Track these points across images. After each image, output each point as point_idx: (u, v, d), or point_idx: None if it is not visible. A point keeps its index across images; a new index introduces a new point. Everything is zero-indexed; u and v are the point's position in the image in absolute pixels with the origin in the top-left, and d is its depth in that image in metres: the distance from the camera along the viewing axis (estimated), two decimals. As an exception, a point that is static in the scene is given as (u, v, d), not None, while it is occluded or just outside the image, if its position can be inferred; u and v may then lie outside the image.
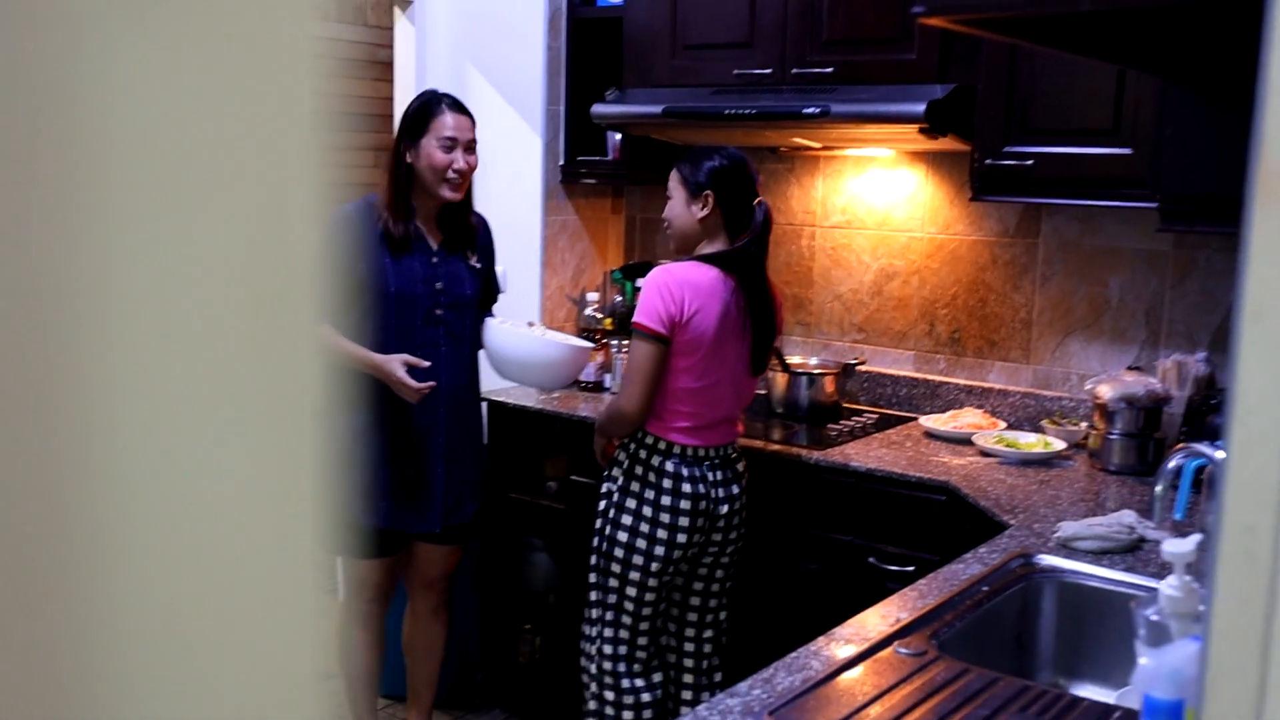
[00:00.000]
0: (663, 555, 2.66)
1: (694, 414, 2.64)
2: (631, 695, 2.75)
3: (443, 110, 2.86)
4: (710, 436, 2.68)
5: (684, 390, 2.62)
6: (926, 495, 2.72)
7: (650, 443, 2.67)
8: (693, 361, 2.60)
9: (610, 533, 2.70)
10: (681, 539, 2.65)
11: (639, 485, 2.67)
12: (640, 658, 2.75)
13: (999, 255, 3.28)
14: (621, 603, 2.71)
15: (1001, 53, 2.83)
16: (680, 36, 3.36)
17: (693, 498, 2.65)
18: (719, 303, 2.59)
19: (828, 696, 1.53)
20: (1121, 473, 2.78)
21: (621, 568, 2.69)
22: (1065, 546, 2.16)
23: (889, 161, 3.44)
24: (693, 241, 2.68)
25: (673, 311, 2.56)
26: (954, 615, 1.83)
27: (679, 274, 2.59)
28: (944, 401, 3.36)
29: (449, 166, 2.83)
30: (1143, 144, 2.62)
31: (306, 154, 0.40)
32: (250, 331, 0.38)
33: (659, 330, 2.56)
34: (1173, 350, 2.97)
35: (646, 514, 2.66)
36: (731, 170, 2.64)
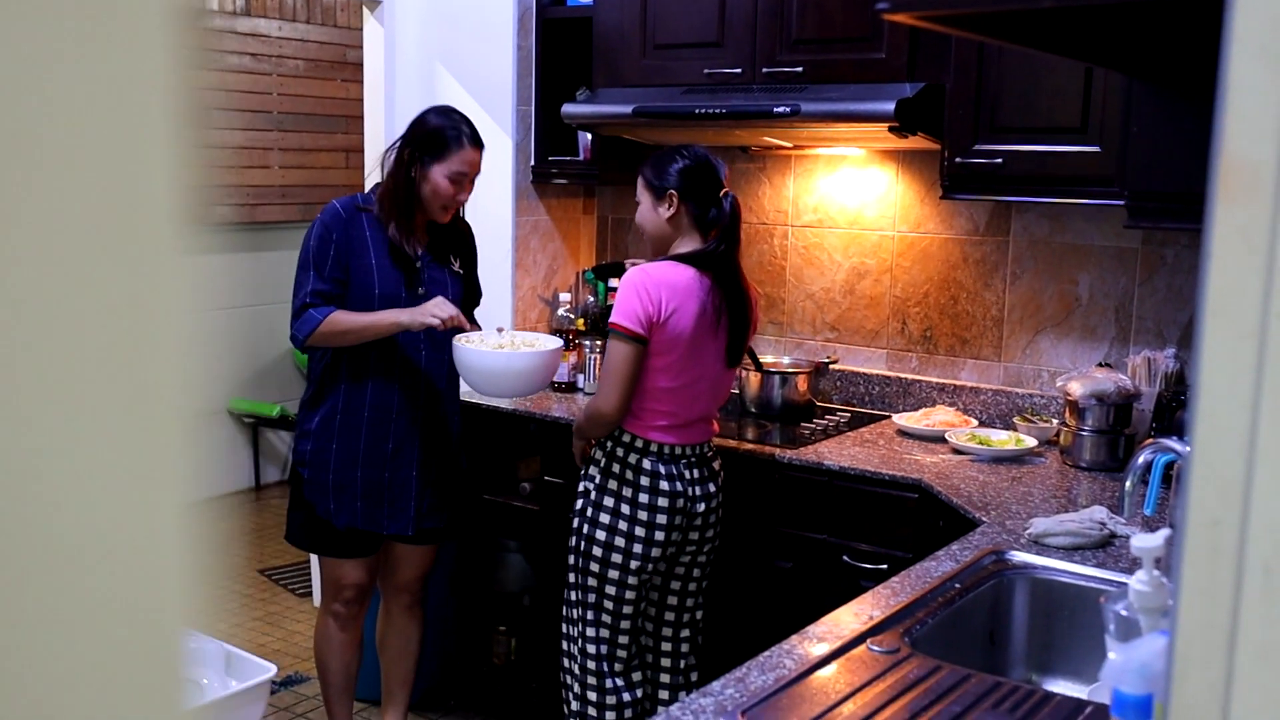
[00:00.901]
0: (641, 553, 2.65)
1: (671, 413, 2.64)
2: (614, 695, 2.74)
3: (464, 144, 2.82)
4: (687, 435, 2.68)
5: (661, 389, 2.62)
6: (899, 493, 2.73)
7: (628, 441, 2.66)
8: (670, 360, 2.60)
9: (588, 532, 2.70)
10: (660, 537, 2.65)
11: (616, 484, 2.67)
12: (622, 657, 2.74)
13: (970, 253, 3.29)
14: (602, 602, 2.70)
15: (970, 51, 2.84)
16: (650, 36, 3.35)
17: (670, 495, 2.64)
18: (696, 301, 2.59)
19: (801, 695, 1.53)
20: (1093, 469, 2.79)
21: (600, 567, 2.68)
22: (1037, 543, 2.16)
23: (860, 160, 3.45)
24: (665, 242, 2.68)
25: (650, 311, 2.56)
26: (926, 612, 1.84)
27: (655, 274, 2.59)
28: (916, 399, 3.37)
29: (452, 198, 2.84)
30: (1110, 141, 2.63)
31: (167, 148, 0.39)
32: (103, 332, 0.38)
33: (636, 330, 2.56)
34: (1142, 347, 2.99)
35: (625, 512, 2.65)
36: (693, 168, 2.64)
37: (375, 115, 4.04)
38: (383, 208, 2.85)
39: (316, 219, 2.85)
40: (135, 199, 0.38)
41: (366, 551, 2.99)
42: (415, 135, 2.85)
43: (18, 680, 0.37)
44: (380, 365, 2.86)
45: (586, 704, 2.76)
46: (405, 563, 3.08)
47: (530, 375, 2.86)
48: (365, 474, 2.89)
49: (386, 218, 2.84)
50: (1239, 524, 0.68)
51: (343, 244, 2.81)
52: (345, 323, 2.77)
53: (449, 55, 3.82)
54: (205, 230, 0.40)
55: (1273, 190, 0.65)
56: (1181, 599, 0.72)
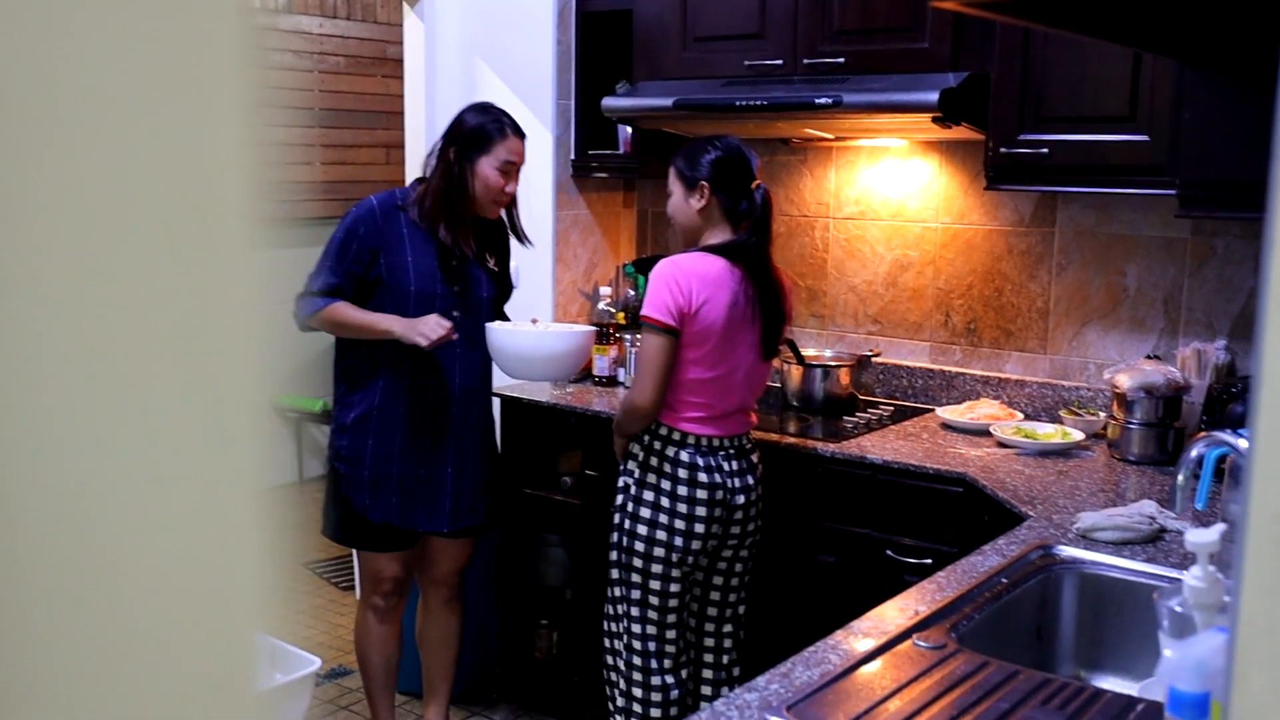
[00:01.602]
0: (683, 546, 2.64)
1: (707, 404, 2.63)
2: (660, 692, 2.73)
3: (507, 134, 2.85)
4: (724, 426, 2.67)
5: (696, 381, 2.61)
6: (943, 487, 2.70)
7: (665, 434, 2.65)
8: (703, 352, 2.59)
9: (629, 527, 2.69)
10: (700, 529, 2.64)
11: (655, 477, 2.66)
12: (670, 653, 2.73)
13: (1014, 245, 3.25)
14: (647, 597, 2.69)
15: (1015, 39, 2.80)
16: (690, 28, 3.34)
17: (709, 488, 2.63)
18: (727, 292, 2.58)
19: (846, 691, 1.52)
20: (1141, 463, 2.75)
21: (643, 562, 2.67)
22: (1085, 537, 2.13)
23: (902, 151, 3.42)
24: (695, 234, 2.67)
25: (680, 303, 2.55)
26: (973, 608, 1.82)
27: (685, 265, 2.58)
28: (960, 393, 3.34)
29: (502, 189, 2.85)
30: (1159, 130, 2.59)
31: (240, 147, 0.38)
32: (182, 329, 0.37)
33: (668, 322, 2.56)
34: (1192, 338, 2.94)
35: (665, 505, 2.64)
36: (725, 160, 2.63)
37: (416, 111, 4.06)
38: (430, 210, 2.85)
39: (350, 212, 2.87)
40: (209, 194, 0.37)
41: (403, 545, 3.00)
42: (457, 134, 2.86)
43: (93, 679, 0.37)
44: (416, 362, 2.87)
45: (632, 700, 2.75)
46: (442, 556, 3.09)
47: (562, 358, 2.88)
48: (401, 469, 2.90)
49: (435, 220, 2.85)
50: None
51: (370, 241, 2.82)
52: (342, 316, 2.81)
53: (489, 50, 3.82)
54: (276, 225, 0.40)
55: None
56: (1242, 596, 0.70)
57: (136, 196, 0.35)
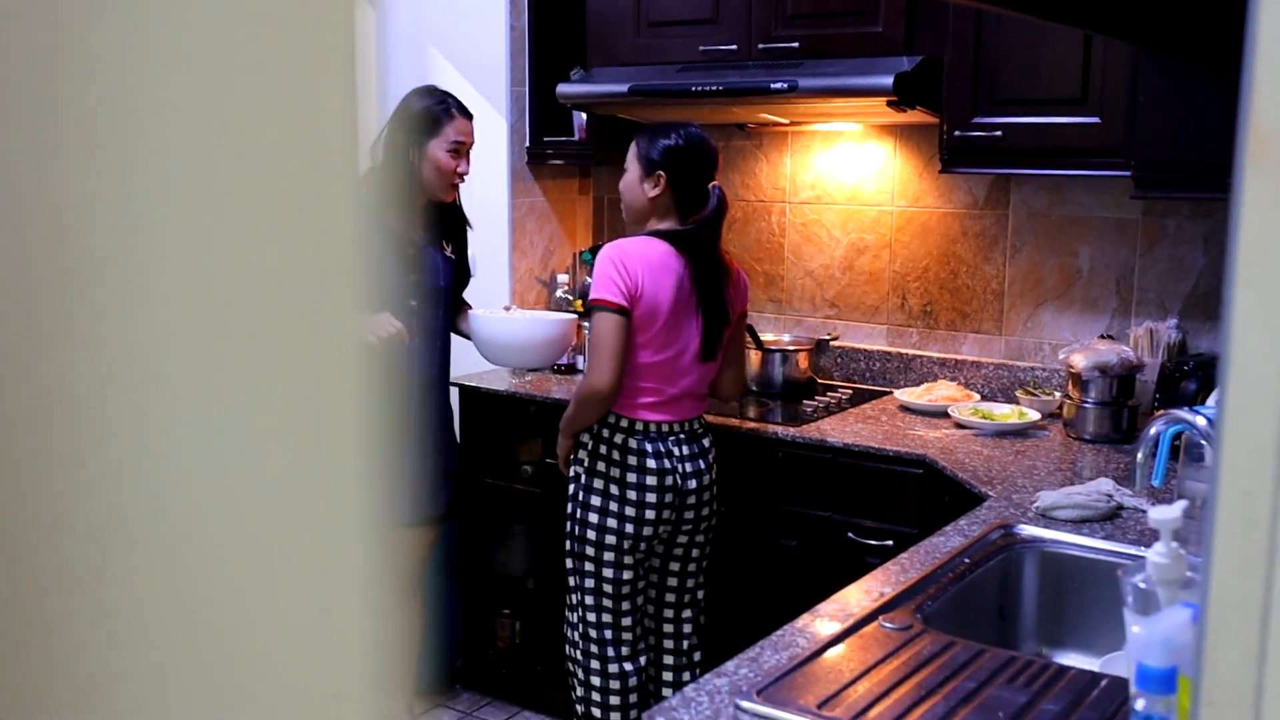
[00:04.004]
0: (634, 533, 2.64)
1: (656, 389, 2.62)
2: (618, 679, 2.73)
3: (454, 115, 2.83)
4: (674, 411, 2.66)
5: (644, 365, 2.60)
6: (903, 469, 2.73)
7: (613, 421, 2.65)
8: (651, 334, 2.58)
9: (581, 515, 2.68)
10: (650, 515, 2.64)
11: (605, 465, 2.65)
12: (627, 640, 2.74)
13: (969, 227, 3.28)
14: (601, 585, 2.69)
15: (968, 23, 2.82)
16: (644, 13, 3.33)
17: (659, 473, 2.63)
18: (672, 275, 2.57)
19: (815, 673, 1.53)
20: (1096, 441, 2.79)
21: (595, 550, 2.67)
22: (1044, 516, 2.16)
23: (857, 135, 3.43)
24: (642, 217, 2.66)
25: (628, 283, 2.54)
26: (937, 588, 1.83)
27: (629, 248, 2.57)
28: (918, 375, 3.36)
29: (454, 171, 2.83)
30: (1111, 112, 2.62)
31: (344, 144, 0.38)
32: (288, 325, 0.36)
33: (619, 302, 2.53)
34: (1144, 318, 2.98)
35: (614, 493, 2.64)
36: (687, 151, 2.61)
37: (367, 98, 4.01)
38: (379, 197, 2.83)
39: None
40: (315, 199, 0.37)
41: None
42: (403, 120, 2.83)
43: None
44: None
45: (591, 689, 2.75)
46: (404, 547, 3.08)
47: (551, 343, 2.97)
48: None
49: (386, 208, 2.83)
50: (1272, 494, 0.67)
51: None
52: None
53: (440, 36, 3.79)
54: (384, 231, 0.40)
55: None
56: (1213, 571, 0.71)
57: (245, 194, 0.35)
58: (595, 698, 2.75)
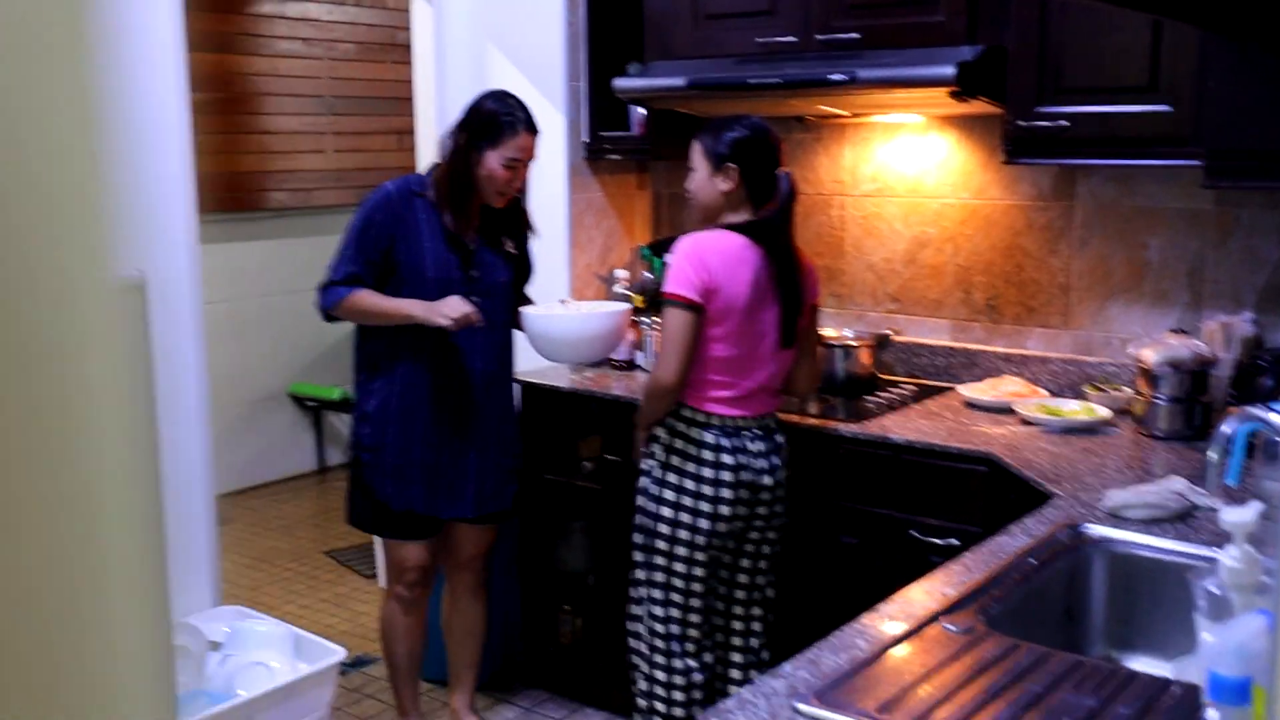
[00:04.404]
0: (708, 529, 2.62)
1: (730, 383, 2.61)
2: (683, 676, 2.72)
3: (519, 130, 2.82)
4: (749, 407, 2.64)
5: (719, 359, 2.59)
6: (968, 466, 2.68)
7: (689, 415, 2.63)
8: (726, 329, 2.57)
9: (654, 509, 2.67)
10: (725, 511, 2.62)
11: (679, 459, 2.63)
12: (693, 636, 2.72)
13: (1034, 219, 3.21)
14: (670, 580, 2.68)
15: (1031, 10, 2.76)
16: (701, 6, 3.30)
17: (734, 469, 2.61)
18: (749, 269, 2.56)
19: (875, 676, 1.50)
20: (1168, 438, 2.72)
21: (668, 544, 2.65)
22: (1113, 515, 2.11)
23: (918, 127, 3.38)
24: (715, 213, 2.65)
25: (704, 278, 2.53)
26: (1001, 589, 1.79)
27: (706, 242, 2.56)
28: (982, 370, 3.30)
29: (506, 183, 2.83)
30: (1182, 99, 2.54)
31: None
32: None
33: (691, 298, 2.53)
34: (1217, 311, 2.90)
35: (689, 488, 2.62)
36: (754, 141, 2.60)
37: (426, 96, 4.03)
38: (439, 194, 2.84)
39: (368, 199, 2.85)
40: None
41: (426, 533, 2.99)
42: (471, 120, 2.83)
43: None
44: (437, 348, 2.86)
45: (655, 683, 2.74)
46: (467, 542, 3.09)
47: (599, 338, 2.91)
48: (423, 457, 2.90)
49: (442, 204, 2.83)
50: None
51: (388, 228, 2.81)
52: (365, 304, 2.81)
53: (498, 34, 3.79)
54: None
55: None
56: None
57: None
58: (659, 693, 2.73)
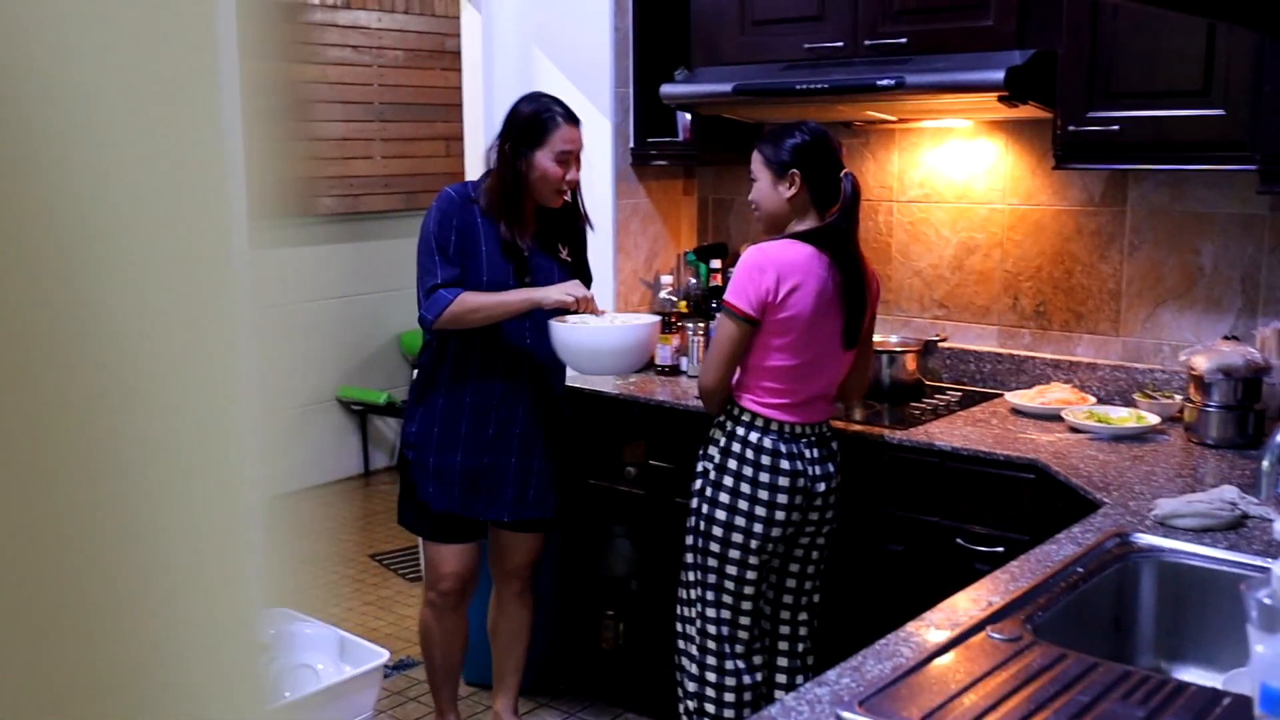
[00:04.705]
0: (762, 533, 2.62)
1: (790, 390, 2.61)
2: (734, 677, 2.72)
3: (559, 123, 2.82)
4: (807, 413, 2.65)
5: (779, 368, 2.59)
6: (1014, 474, 2.65)
7: (748, 420, 2.64)
8: (788, 340, 2.57)
9: (708, 511, 2.67)
10: (780, 516, 2.62)
11: (736, 463, 2.64)
12: (743, 639, 2.72)
13: (1084, 225, 3.18)
14: (722, 582, 2.68)
15: (1083, 14, 2.73)
16: (749, 12, 3.30)
17: (791, 474, 2.61)
18: (815, 280, 2.55)
19: (919, 685, 1.48)
20: (1220, 446, 2.68)
21: (721, 547, 2.66)
22: (1163, 524, 2.08)
23: (967, 132, 3.35)
24: (782, 222, 2.65)
25: (764, 292, 2.53)
26: (1048, 598, 1.77)
27: (773, 254, 2.56)
28: (1030, 377, 3.27)
29: (562, 179, 2.83)
30: (1236, 104, 2.51)
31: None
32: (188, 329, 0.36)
33: (748, 312, 2.55)
34: (1271, 318, 2.85)
35: (745, 491, 2.62)
36: (815, 145, 2.60)
37: (474, 102, 4.06)
38: (492, 204, 2.85)
39: (433, 205, 2.87)
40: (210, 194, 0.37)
41: (465, 537, 3.00)
42: (512, 128, 2.85)
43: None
44: (485, 351, 2.87)
45: (705, 684, 2.74)
46: (513, 549, 3.09)
47: (627, 351, 2.85)
48: (465, 459, 2.91)
49: (497, 215, 2.85)
50: None
51: (458, 230, 2.83)
52: (475, 302, 2.79)
53: (546, 39, 3.81)
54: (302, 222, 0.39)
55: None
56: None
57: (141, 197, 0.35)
58: (710, 694, 2.73)
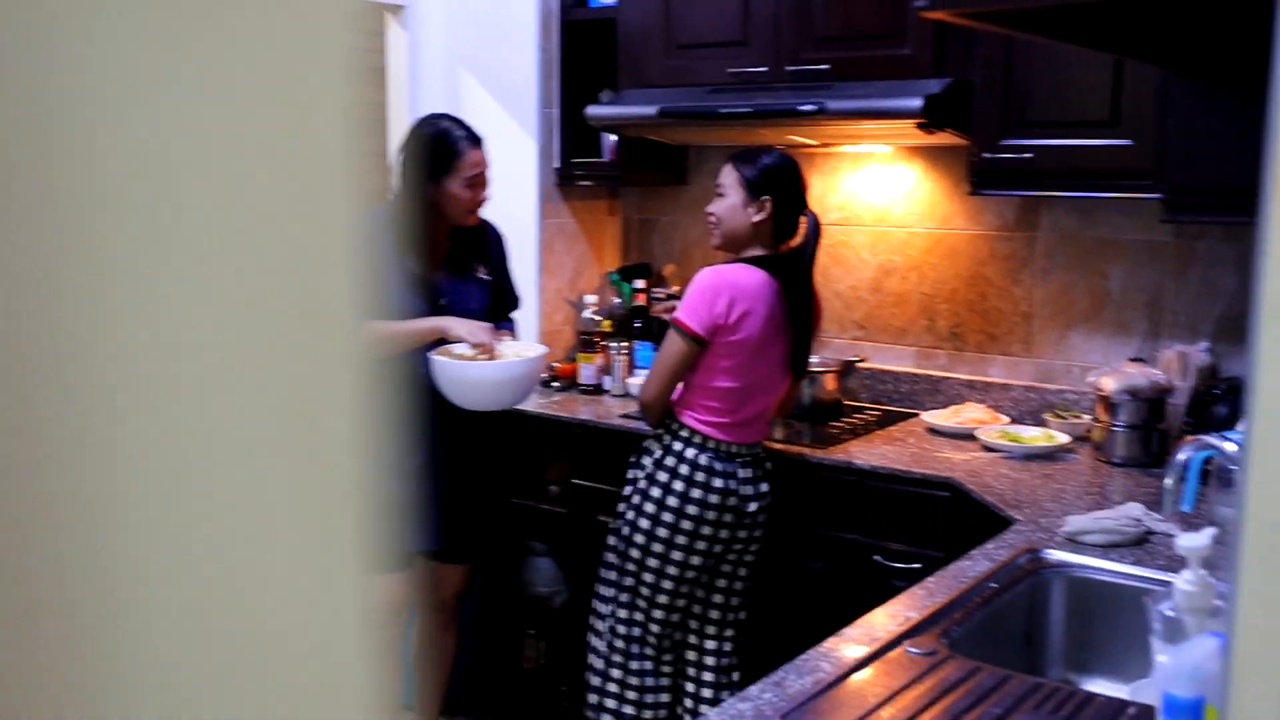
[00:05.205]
0: (685, 546, 2.65)
1: (730, 410, 2.65)
2: (637, 677, 2.76)
3: (466, 147, 2.79)
4: (744, 434, 2.68)
5: (723, 389, 2.63)
6: (930, 492, 2.71)
7: (686, 435, 2.67)
8: (735, 363, 2.61)
9: (633, 519, 2.69)
10: (706, 532, 2.65)
11: (668, 476, 2.66)
12: (652, 643, 2.75)
13: (998, 249, 3.27)
14: (639, 588, 2.71)
15: (997, 46, 2.82)
16: (674, 36, 3.34)
17: (722, 493, 2.64)
18: (765, 305, 2.59)
19: (839, 699, 1.52)
20: (1126, 465, 2.77)
21: (641, 554, 2.68)
22: (1072, 541, 2.14)
23: (886, 157, 3.43)
24: (740, 244, 2.67)
25: (717, 315, 2.56)
26: (963, 613, 1.82)
27: (729, 277, 2.59)
28: (945, 397, 3.35)
29: (473, 200, 2.83)
30: (1142, 134, 2.61)
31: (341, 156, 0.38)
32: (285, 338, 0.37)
33: (698, 332, 2.57)
34: (1174, 341, 2.96)
35: (672, 504, 2.65)
36: (789, 175, 2.67)
37: (400, 121, 4.04)
38: (400, 232, 2.82)
39: None
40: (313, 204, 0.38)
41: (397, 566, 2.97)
42: (416, 156, 2.80)
43: None
44: (407, 382, 2.85)
45: (609, 680, 2.78)
46: (441, 581, 3.07)
47: (504, 384, 2.78)
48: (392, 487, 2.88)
49: (404, 244, 2.81)
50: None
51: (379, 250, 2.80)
52: (383, 330, 2.67)
53: (472, 59, 3.82)
54: None
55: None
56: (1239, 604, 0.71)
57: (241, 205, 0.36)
58: (612, 689, 2.77)
